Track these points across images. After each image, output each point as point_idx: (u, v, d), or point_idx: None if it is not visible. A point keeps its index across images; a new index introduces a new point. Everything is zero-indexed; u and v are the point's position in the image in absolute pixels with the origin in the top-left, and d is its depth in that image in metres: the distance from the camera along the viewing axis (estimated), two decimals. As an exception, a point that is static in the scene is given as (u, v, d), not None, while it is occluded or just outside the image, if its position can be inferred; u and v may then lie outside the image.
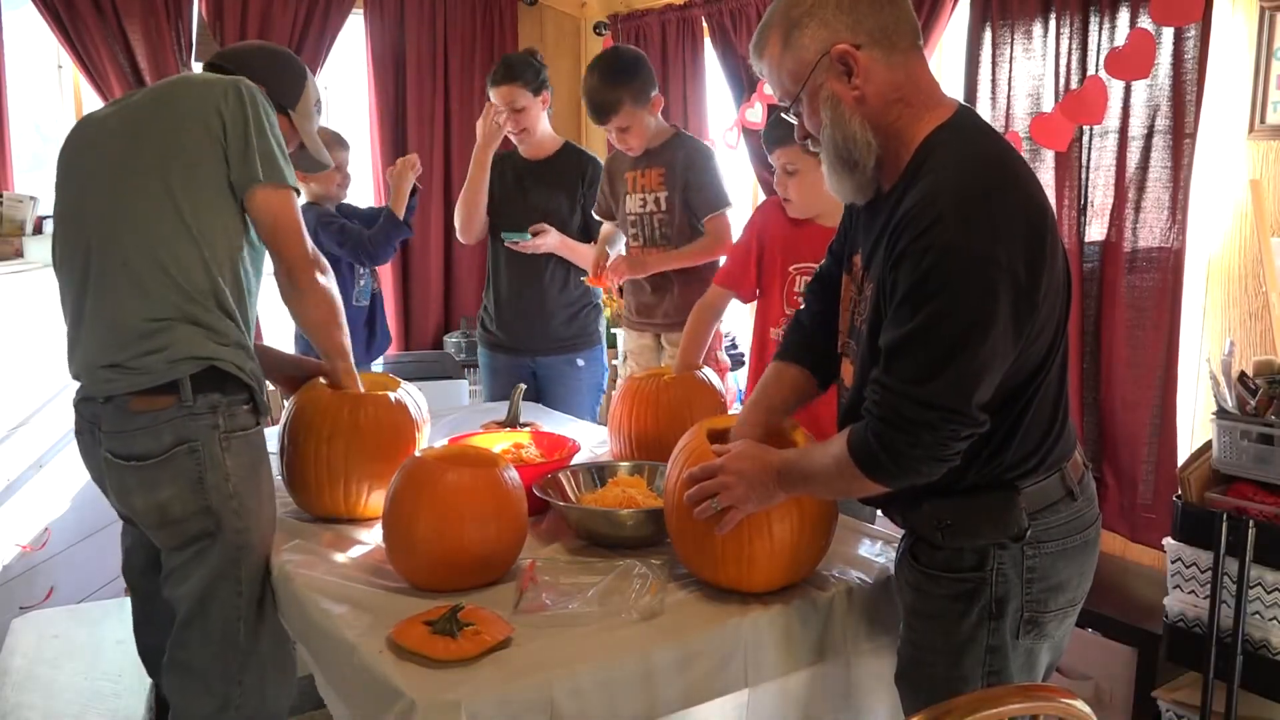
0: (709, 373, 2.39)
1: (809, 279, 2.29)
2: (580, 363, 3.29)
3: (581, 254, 3.13)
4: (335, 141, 3.21)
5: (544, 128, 3.19)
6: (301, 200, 3.35)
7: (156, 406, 1.78)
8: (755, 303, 2.49)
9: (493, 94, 3.11)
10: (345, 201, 3.45)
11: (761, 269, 2.41)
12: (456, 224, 3.27)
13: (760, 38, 1.48)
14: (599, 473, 2.09)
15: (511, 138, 3.17)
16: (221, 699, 1.88)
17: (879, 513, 2.36)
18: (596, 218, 3.12)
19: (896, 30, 1.42)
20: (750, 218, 2.51)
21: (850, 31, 1.40)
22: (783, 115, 1.53)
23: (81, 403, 1.90)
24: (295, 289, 1.92)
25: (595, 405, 3.37)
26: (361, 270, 3.36)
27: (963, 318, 1.32)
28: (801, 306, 1.84)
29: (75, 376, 1.91)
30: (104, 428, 1.84)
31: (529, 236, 3.13)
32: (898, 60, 1.42)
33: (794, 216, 2.33)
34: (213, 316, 1.82)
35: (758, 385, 1.81)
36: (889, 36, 1.41)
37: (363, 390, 2.08)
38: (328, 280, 1.95)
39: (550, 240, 3.12)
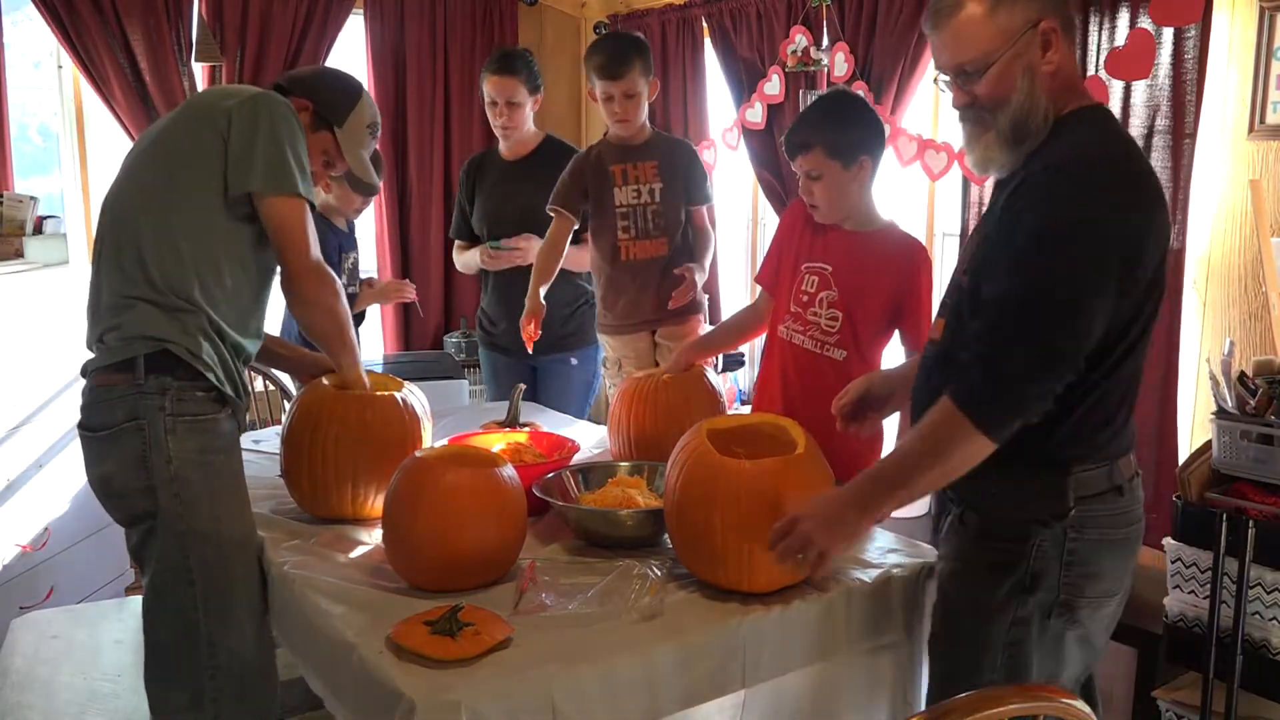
0: (709, 372, 2.39)
1: (817, 278, 2.28)
2: (574, 361, 3.29)
3: (570, 256, 2.99)
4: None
5: (529, 126, 3.20)
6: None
7: (114, 382, 1.85)
8: None
9: (488, 84, 3.11)
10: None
11: (780, 265, 2.40)
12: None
13: None
14: (599, 473, 2.09)
15: (497, 133, 3.19)
16: (194, 692, 1.87)
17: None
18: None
19: (1073, 22, 1.55)
20: (781, 218, 2.49)
21: (1055, 12, 1.51)
22: (942, 83, 1.58)
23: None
24: (295, 299, 1.96)
25: (587, 404, 3.36)
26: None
27: (1075, 269, 1.41)
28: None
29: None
30: (82, 402, 1.92)
31: (510, 247, 3.13)
32: (1072, 49, 1.55)
33: (821, 222, 2.30)
34: (176, 304, 1.85)
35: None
36: (1071, 25, 1.54)
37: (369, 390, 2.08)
38: (332, 292, 1.95)
39: (533, 247, 3.06)
